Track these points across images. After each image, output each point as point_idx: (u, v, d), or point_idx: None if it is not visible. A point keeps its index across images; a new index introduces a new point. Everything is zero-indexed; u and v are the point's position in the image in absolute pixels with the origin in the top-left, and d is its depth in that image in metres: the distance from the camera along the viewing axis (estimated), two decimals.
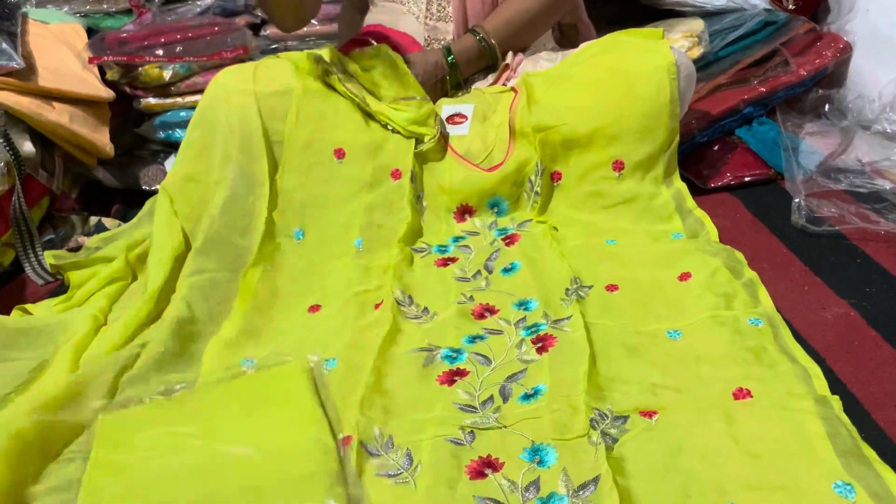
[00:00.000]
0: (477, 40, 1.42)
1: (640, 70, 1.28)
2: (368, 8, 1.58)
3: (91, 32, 1.71)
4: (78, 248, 1.37)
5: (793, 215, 1.27)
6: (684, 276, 1.11)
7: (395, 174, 1.29)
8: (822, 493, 0.73)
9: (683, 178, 1.36)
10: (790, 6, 1.66)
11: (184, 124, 1.64)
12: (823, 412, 0.82)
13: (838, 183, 1.35)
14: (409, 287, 1.13)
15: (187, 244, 1.22)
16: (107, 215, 1.50)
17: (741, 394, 0.87)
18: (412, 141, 1.30)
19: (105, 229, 1.42)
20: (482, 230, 1.29)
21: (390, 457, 0.83)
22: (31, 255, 1.31)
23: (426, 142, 1.31)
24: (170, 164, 1.61)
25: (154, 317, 1.11)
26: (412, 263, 1.20)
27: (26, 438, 0.88)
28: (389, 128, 1.30)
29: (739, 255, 1.15)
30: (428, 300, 1.11)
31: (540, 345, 0.99)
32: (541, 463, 0.80)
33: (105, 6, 1.97)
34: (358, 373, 0.96)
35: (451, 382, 0.94)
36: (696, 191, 1.38)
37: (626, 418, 0.85)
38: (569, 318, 1.03)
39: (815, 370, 0.89)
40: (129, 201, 1.57)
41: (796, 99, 1.60)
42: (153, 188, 1.58)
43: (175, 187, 1.25)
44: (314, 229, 1.23)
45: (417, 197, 1.30)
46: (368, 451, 0.83)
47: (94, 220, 1.45)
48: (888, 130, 1.47)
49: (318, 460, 0.79)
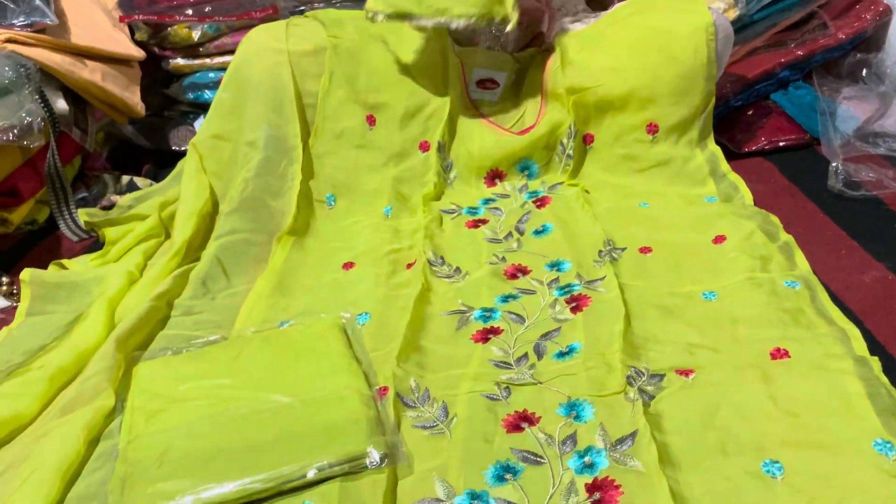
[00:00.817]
0: None
1: (677, 30, 1.26)
2: None
3: None
4: (111, 206, 1.38)
5: (829, 180, 1.25)
6: (719, 239, 1.10)
7: (424, 146, 1.28)
8: (861, 450, 0.72)
9: (717, 142, 1.35)
10: None
11: (212, 85, 1.63)
12: (862, 372, 0.82)
13: (876, 147, 1.33)
14: (440, 248, 1.13)
15: (214, 201, 1.23)
16: (138, 175, 1.50)
17: (779, 354, 0.86)
18: (446, 108, 1.28)
19: (137, 188, 1.43)
20: (512, 193, 1.28)
21: (426, 409, 0.84)
22: (66, 213, 1.32)
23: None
24: (199, 124, 1.61)
25: (185, 271, 1.12)
26: (442, 225, 1.19)
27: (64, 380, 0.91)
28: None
29: (775, 219, 1.14)
30: (459, 260, 1.11)
31: (574, 304, 0.99)
32: (577, 418, 0.81)
33: None
34: (390, 327, 0.96)
35: (486, 340, 0.94)
36: (730, 155, 1.36)
37: (662, 376, 0.85)
38: (602, 279, 1.03)
39: (854, 332, 0.89)
40: (159, 161, 1.57)
41: (833, 63, 1.57)
42: (183, 148, 1.58)
43: (205, 145, 1.25)
44: (345, 195, 1.24)
45: (445, 167, 1.29)
46: (405, 403, 0.84)
47: (126, 179, 1.45)
48: None
49: (356, 408, 0.80)
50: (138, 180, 1.45)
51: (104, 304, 1.04)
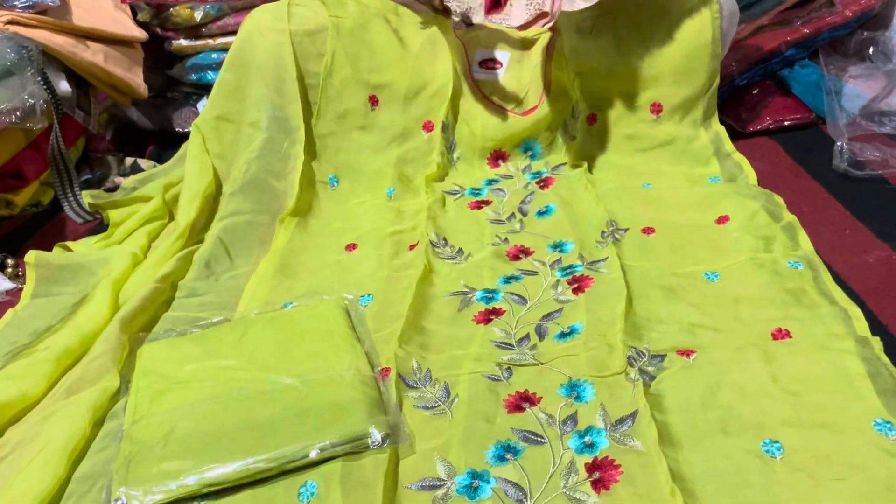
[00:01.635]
0: None
1: (681, 9, 1.25)
2: None
3: None
4: (115, 188, 1.38)
5: (834, 159, 1.24)
6: (722, 219, 1.09)
7: (427, 126, 1.28)
8: (861, 429, 0.73)
9: (722, 122, 1.34)
10: None
11: (215, 66, 1.63)
12: (864, 353, 0.82)
13: (882, 126, 1.32)
14: (442, 229, 1.13)
15: (218, 182, 1.23)
16: (141, 156, 1.51)
17: (780, 334, 0.86)
18: (449, 87, 1.28)
19: (141, 170, 1.43)
20: (516, 174, 1.28)
21: (428, 389, 0.84)
22: (70, 194, 1.33)
23: None
24: (202, 105, 1.61)
25: (188, 252, 1.12)
26: (445, 206, 1.19)
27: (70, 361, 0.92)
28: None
29: (778, 199, 1.14)
30: (462, 241, 1.11)
31: (576, 285, 0.99)
32: (578, 398, 0.81)
33: None
34: (392, 308, 0.97)
35: (488, 321, 0.95)
36: (734, 134, 1.36)
37: (663, 357, 0.85)
38: (605, 259, 1.03)
39: (856, 312, 0.89)
40: (163, 143, 1.57)
41: (840, 41, 1.55)
42: (186, 130, 1.58)
43: (207, 126, 1.25)
44: (348, 176, 1.24)
45: (449, 147, 1.29)
46: (407, 383, 0.85)
47: (129, 161, 1.46)
48: None
49: (358, 389, 0.80)
50: (142, 162, 1.46)
51: (109, 286, 1.04)
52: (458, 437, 0.77)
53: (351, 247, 1.12)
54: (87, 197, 1.32)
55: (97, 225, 1.30)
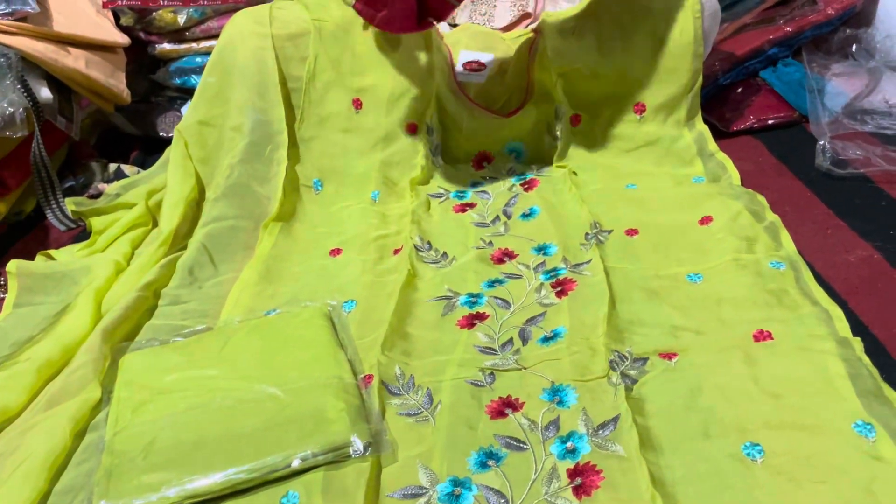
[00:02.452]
0: None
1: (663, 9, 1.25)
2: None
3: None
4: (98, 194, 1.37)
5: (817, 158, 1.25)
6: (706, 220, 1.10)
7: (411, 128, 1.27)
8: (842, 431, 0.73)
9: (706, 121, 1.34)
10: None
11: (199, 70, 1.62)
12: (845, 353, 0.82)
13: (864, 125, 1.32)
14: (427, 233, 1.13)
15: (201, 188, 1.23)
16: (126, 162, 1.50)
17: (762, 336, 0.86)
18: (433, 90, 1.27)
19: (124, 176, 1.42)
20: (500, 176, 1.28)
21: (411, 396, 0.84)
22: (53, 202, 1.32)
23: None
24: (186, 110, 1.60)
25: (171, 259, 1.11)
26: (430, 209, 1.19)
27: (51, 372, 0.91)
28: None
29: (761, 199, 1.14)
30: (446, 245, 1.11)
31: (559, 289, 0.99)
32: (560, 403, 0.81)
33: None
34: (376, 314, 0.97)
35: (471, 326, 0.95)
36: (718, 134, 1.36)
37: (645, 360, 0.86)
38: (588, 262, 1.03)
39: (837, 312, 0.89)
40: (147, 148, 1.56)
41: (823, 39, 1.56)
42: (170, 135, 1.57)
43: (190, 131, 1.25)
44: (332, 180, 1.23)
45: (433, 150, 1.29)
46: (389, 390, 0.85)
47: (113, 166, 1.45)
48: None
49: (340, 397, 0.80)
50: (126, 168, 1.45)
51: (91, 295, 1.04)
52: (440, 444, 0.77)
53: (335, 252, 1.12)
54: (70, 204, 1.31)
55: (80, 232, 1.29)
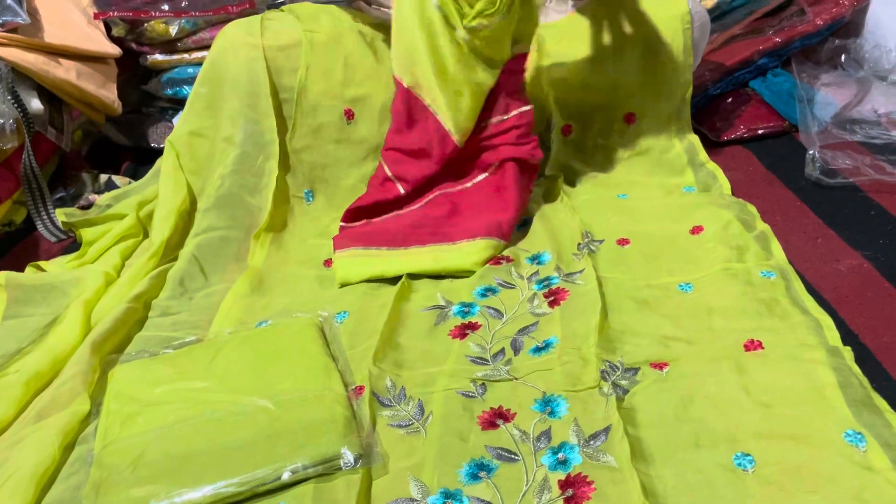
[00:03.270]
0: None
1: (653, 20, 1.26)
2: None
3: None
4: (89, 205, 1.37)
5: (807, 167, 1.25)
6: (696, 230, 1.10)
7: None
8: (832, 441, 0.73)
9: (696, 131, 1.35)
10: None
11: (191, 81, 1.62)
12: (835, 362, 0.82)
13: (854, 134, 1.33)
14: None
15: (192, 199, 1.22)
16: (117, 173, 1.49)
17: (752, 345, 0.87)
18: None
19: (115, 187, 1.42)
20: None
21: (402, 407, 0.84)
22: (43, 213, 1.31)
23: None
24: (178, 121, 1.60)
25: (162, 271, 1.11)
26: None
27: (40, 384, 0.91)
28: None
29: (752, 208, 1.14)
30: None
31: (552, 298, 0.99)
32: (552, 413, 0.81)
33: None
34: (369, 324, 0.97)
35: (463, 336, 0.94)
36: (708, 144, 1.37)
37: (636, 370, 0.86)
38: (581, 271, 1.03)
39: (827, 321, 0.89)
40: (138, 159, 1.56)
41: (812, 49, 1.57)
42: (162, 145, 1.57)
43: (181, 142, 1.25)
44: (323, 191, 1.23)
45: None
46: (380, 402, 0.84)
47: (104, 177, 1.44)
48: None
49: (331, 409, 0.80)
50: (116, 178, 1.44)
51: (80, 307, 1.03)
52: (431, 456, 0.77)
53: (329, 262, 1.12)
54: (60, 215, 1.31)
55: (71, 243, 1.29)
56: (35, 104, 1.30)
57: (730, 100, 1.48)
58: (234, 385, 0.85)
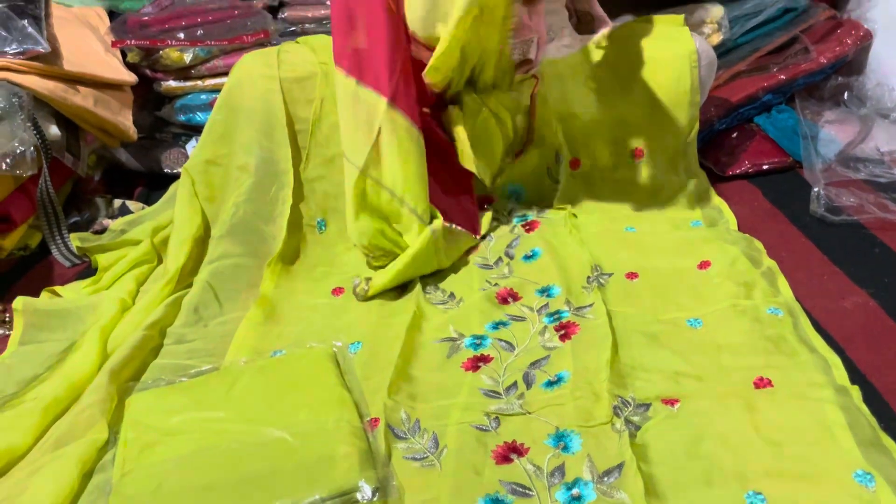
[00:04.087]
0: None
1: (661, 57, 1.29)
2: None
3: (111, 15, 1.72)
4: (103, 230, 1.39)
5: (811, 204, 1.28)
6: (704, 265, 1.12)
7: None
8: (842, 481, 0.74)
9: (702, 166, 1.38)
10: None
11: (204, 107, 1.65)
12: (843, 402, 0.84)
13: (857, 172, 1.35)
14: (432, 275, 1.15)
15: (207, 226, 1.24)
16: (130, 198, 1.51)
17: (762, 383, 0.88)
18: None
19: (129, 212, 1.44)
20: (502, 217, 1.30)
21: (417, 440, 0.85)
22: (58, 238, 1.33)
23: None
24: (191, 147, 1.62)
25: (177, 298, 1.13)
26: None
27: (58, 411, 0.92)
28: None
29: (758, 244, 1.16)
30: (453, 286, 1.12)
31: (563, 332, 1.01)
32: (565, 449, 0.82)
33: None
34: (382, 356, 0.98)
35: (476, 368, 0.96)
36: (714, 178, 1.39)
37: (648, 406, 0.87)
38: (591, 305, 1.05)
39: (835, 360, 0.91)
40: (151, 184, 1.58)
41: (815, 86, 1.60)
42: (175, 171, 1.60)
43: (197, 169, 1.27)
44: (336, 220, 1.25)
45: None
46: (395, 434, 0.85)
47: (118, 202, 1.46)
48: None
49: (348, 441, 0.81)
50: (130, 204, 1.46)
51: (97, 334, 1.04)
52: (446, 490, 0.78)
53: (337, 291, 1.13)
54: (74, 240, 1.32)
55: (85, 268, 1.30)
56: (53, 130, 1.32)
57: (735, 135, 1.51)
58: (251, 415, 0.86)
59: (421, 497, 0.78)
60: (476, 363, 0.97)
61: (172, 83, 1.67)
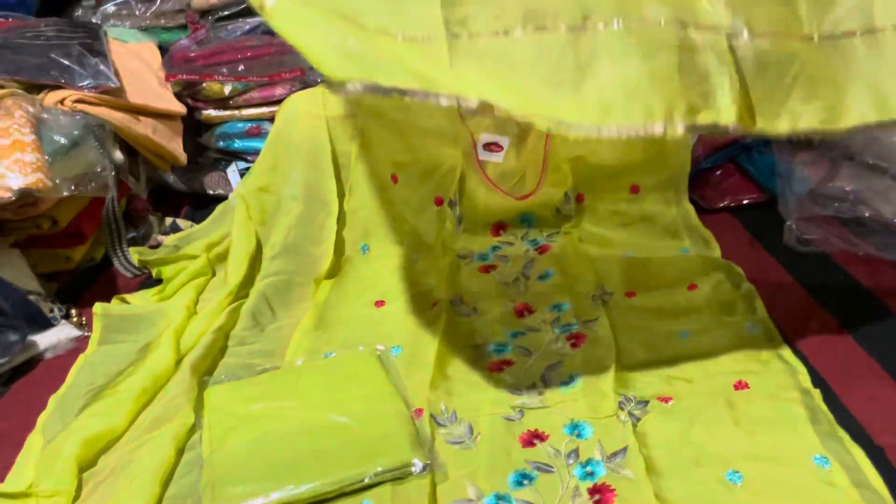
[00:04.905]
0: None
1: None
2: None
3: (160, 49, 1.88)
4: (157, 245, 1.55)
5: (785, 236, 1.46)
6: (692, 287, 1.30)
7: (438, 201, 1.48)
8: (804, 463, 0.92)
9: (690, 200, 1.56)
10: None
11: (241, 135, 1.81)
12: (807, 401, 1.02)
13: (825, 208, 1.52)
14: (458, 290, 1.32)
15: (259, 245, 1.41)
16: (177, 216, 1.68)
17: (740, 385, 1.06)
18: (457, 169, 1.48)
19: (179, 229, 1.60)
20: (516, 241, 1.49)
21: (455, 427, 1.02)
22: (119, 251, 1.49)
23: None
24: (231, 170, 1.78)
25: (236, 306, 1.29)
26: (460, 270, 1.39)
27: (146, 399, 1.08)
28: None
29: (739, 269, 1.35)
30: (476, 301, 1.30)
31: (573, 341, 1.18)
32: (579, 436, 1.00)
33: (163, 21, 2.14)
34: (419, 358, 1.15)
35: (500, 370, 1.13)
36: (700, 211, 1.57)
37: (647, 402, 1.05)
38: (596, 319, 1.23)
39: (801, 368, 1.09)
40: (195, 204, 1.75)
41: None
42: (216, 192, 1.76)
43: (251, 196, 1.44)
44: (377, 244, 1.43)
45: (457, 219, 1.49)
46: (437, 422, 1.03)
47: (169, 220, 1.63)
48: (870, 162, 1.66)
49: (400, 425, 0.98)
50: (180, 222, 1.63)
51: (171, 336, 1.20)
52: (483, 466, 0.95)
53: (379, 303, 1.30)
54: (133, 253, 1.48)
55: (145, 279, 1.46)
56: (118, 156, 1.48)
57: (719, 172, 1.68)
58: (315, 404, 1.03)
59: (462, 471, 0.95)
60: (500, 366, 1.14)
61: (212, 112, 1.84)
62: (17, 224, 1.35)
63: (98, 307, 1.28)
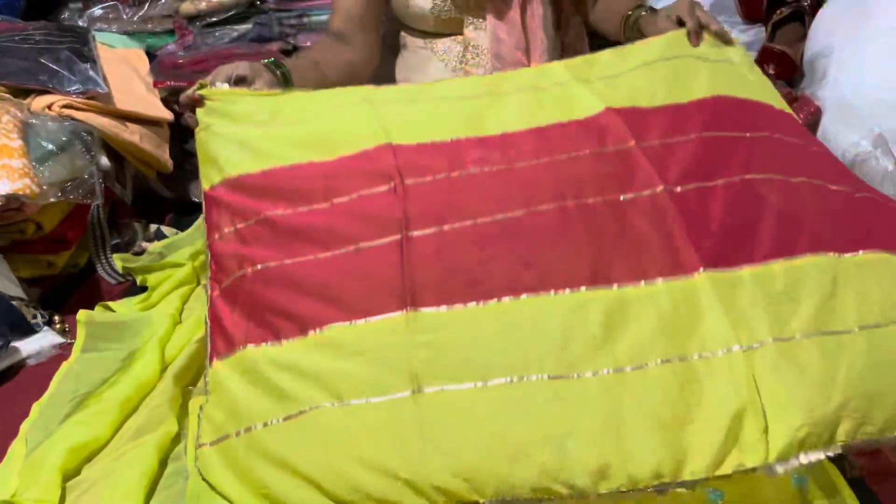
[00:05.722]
0: None
1: None
2: (399, 49, 1.75)
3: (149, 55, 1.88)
4: (141, 252, 1.54)
5: None
6: None
7: None
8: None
9: None
10: (770, 71, 1.89)
11: None
12: None
13: None
14: None
15: None
16: (160, 222, 1.68)
17: None
18: None
19: (164, 236, 1.60)
20: None
21: None
22: (103, 258, 1.48)
23: None
24: None
25: None
26: None
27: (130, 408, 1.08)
28: None
29: None
30: None
31: None
32: None
33: (150, 26, 2.14)
34: None
35: None
36: None
37: None
38: None
39: None
40: (180, 210, 1.74)
41: None
42: (201, 199, 1.75)
43: None
44: None
45: None
46: None
47: (153, 227, 1.62)
48: None
49: None
50: (165, 229, 1.63)
51: (156, 344, 1.20)
52: None
53: None
54: (117, 260, 1.48)
55: (129, 286, 1.46)
56: (104, 161, 1.48)
57: None
58: None
59: None
60: None
61: None
62: (1, 229, 1.34)
63: (82, 314, 1.27)
